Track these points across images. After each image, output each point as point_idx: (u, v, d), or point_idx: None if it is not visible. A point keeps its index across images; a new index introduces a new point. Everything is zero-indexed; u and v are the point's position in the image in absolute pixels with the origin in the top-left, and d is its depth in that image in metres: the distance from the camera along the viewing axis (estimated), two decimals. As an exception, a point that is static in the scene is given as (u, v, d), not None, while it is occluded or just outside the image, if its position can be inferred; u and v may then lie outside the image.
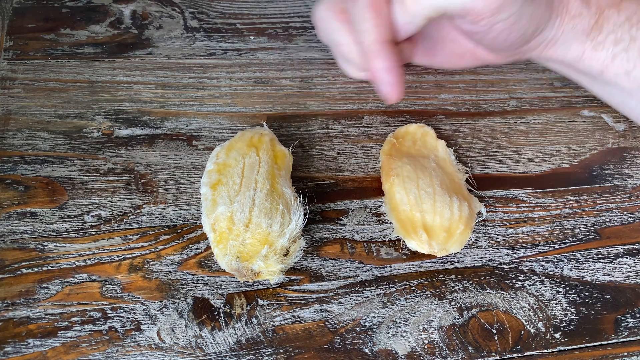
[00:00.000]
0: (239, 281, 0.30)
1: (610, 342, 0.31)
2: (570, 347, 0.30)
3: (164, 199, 0.33)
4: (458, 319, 0.31)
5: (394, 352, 0.29)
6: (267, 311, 0.30)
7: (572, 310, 0.31)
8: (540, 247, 0.33)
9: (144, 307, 0.29)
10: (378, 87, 0.31)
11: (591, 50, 0.34)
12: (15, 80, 0.36)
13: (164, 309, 0.29)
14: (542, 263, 0.33)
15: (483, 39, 0.33)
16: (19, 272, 0.30)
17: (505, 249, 0.33)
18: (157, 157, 0.34)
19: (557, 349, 0.30)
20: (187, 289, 0.30)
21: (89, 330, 0.28)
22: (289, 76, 0.39)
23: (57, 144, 0.34)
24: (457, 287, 0.31)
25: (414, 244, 0.31)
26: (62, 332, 0.28)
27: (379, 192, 0.34)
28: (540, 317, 0.31)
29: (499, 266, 0.33)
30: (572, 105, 0.40)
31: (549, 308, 0.31)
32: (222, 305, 0.30)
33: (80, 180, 0.33)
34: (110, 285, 0.30)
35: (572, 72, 0.37)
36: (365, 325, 0.30)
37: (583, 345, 0.30)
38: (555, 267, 0.33)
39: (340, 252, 0.32)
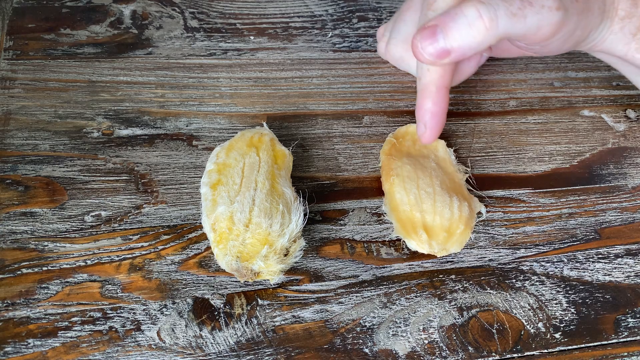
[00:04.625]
0: (239, 281, 0.30)
1: (610, 342, 0.31)
2: (570, 347, 0.30)
3: (164, 199, 0.33)
4: (458, 319, 0.30)
5: (394, 352, 0.29)
6: (267, 311, 0.30)
7: (572, 310, 0.31)
8: (540, 247, 0.33)
9: (144, 307, 0.29)
10: (417, 124, 0.33)
11: (635, 51, 0.33)
12: (15, 80, 0.36)
13: (164, 309, 0.29)
14: (542, 263, 0.33)
15: (535, 51, 0.33)
16: (19, 272, 0.30)
17: (505, 249, 0.33)
18: (157, 157, 0.34)
19: (557, 349, 0.30)
20: (187, 289, 0.30)
21: (89, 330, 0.28)
22: (289, 76, 0.39)
23: (57, 144, 0.34)
24: (457, 287, 0.31)
25: (414, 244, 0.31)
26: (62, 332, 0.28)
27: (379, 192, 0.34)
28: (540, 317, 0.31)
29: (499, 266, 0.33)
30: (572, 105, 0.40)
31: (549, 308, 0.31)
32: (222, 305, 0.30)
33: (80, 180, 0.33)
34: (110, 285, 0.30)
35: (617, 62, 0.37)
36: (365, 325, 0.30)
37: (583, 345, 0.30)
38: (555, 267, 0.33)
39: (340, 252, 0.32)
